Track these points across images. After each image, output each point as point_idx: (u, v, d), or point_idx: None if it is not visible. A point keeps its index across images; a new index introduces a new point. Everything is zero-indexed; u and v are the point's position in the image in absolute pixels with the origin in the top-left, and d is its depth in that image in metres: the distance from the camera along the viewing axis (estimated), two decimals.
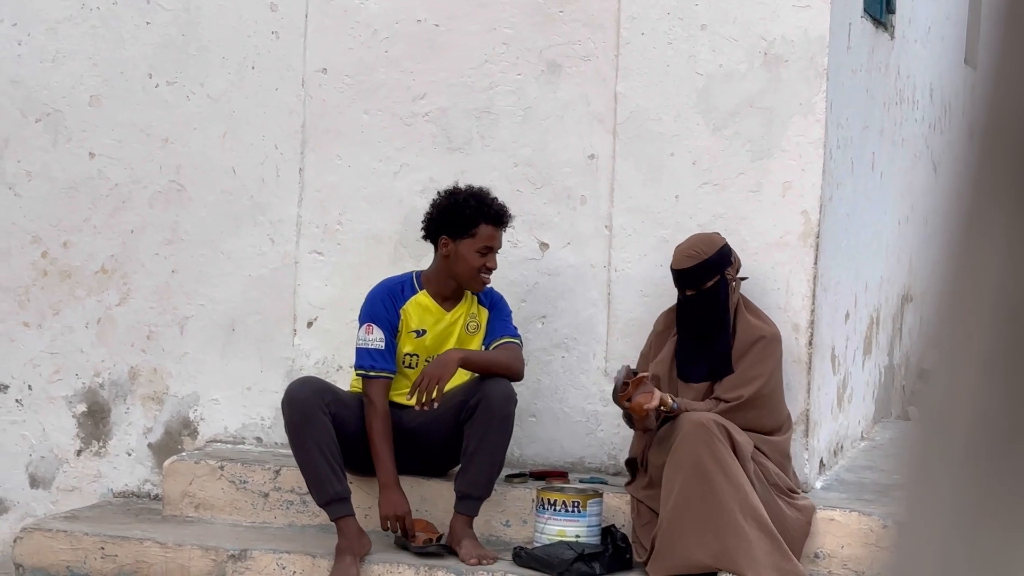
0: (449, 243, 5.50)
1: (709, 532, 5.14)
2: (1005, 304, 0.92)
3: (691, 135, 5.84)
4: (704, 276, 5.49)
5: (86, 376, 6.50)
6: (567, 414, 6.05)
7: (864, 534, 5.48)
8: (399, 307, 5.58)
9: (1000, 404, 0.91)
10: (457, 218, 5.47)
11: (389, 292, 5.59)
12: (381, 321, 5.53)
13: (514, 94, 6.04)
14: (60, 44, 6.46)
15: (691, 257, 5.48)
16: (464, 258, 5.49)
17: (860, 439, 6.95)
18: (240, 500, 5.97)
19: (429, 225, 5.56)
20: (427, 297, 5.60)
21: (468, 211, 5.47)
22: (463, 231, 5.47)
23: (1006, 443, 0.91)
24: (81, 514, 6.09)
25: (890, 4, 6.93)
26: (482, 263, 5.49)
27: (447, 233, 5.50)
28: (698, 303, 5.51)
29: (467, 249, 5.48)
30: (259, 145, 6.30)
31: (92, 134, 6.44)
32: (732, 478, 5.18)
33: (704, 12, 5.81)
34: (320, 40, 6.22)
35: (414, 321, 5.58)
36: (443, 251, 5.52)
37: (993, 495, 0.91)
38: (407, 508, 5.43)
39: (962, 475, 0.93)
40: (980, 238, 0.94)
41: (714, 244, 5.53)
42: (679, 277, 5.51)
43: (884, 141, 6.95)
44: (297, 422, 5.36)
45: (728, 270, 5.52)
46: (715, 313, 5.51)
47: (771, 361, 5.51)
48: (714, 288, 5.50)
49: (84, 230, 6.47)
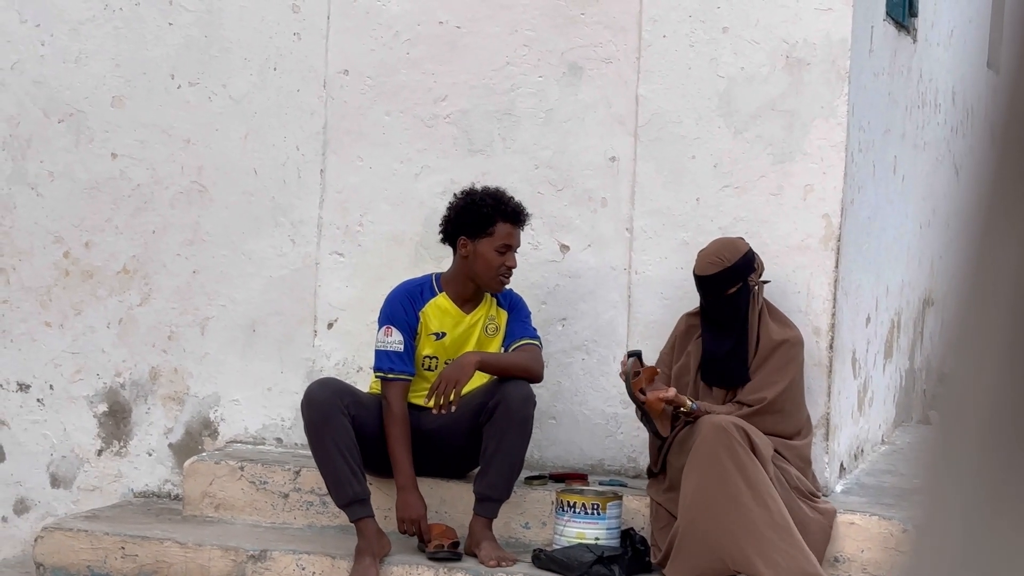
0: (468, 243, 5.50)
1: (726, 535, 5.13)
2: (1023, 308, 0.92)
3: (712, 138, 5.83)
4: (727, 283, 5.48)
5: (107, 376, 6.51)
6: (587, 416, 6.05)
7: (884, 538, 5.47)
8: (418, 309, 5.58)
9: (1017, 408, 0.91)
10: (475, 217, 5.48)
11: (408, 294, 5.59)
12: (400, 323, 5.53)
13: (535, 96, 6.04)
14: (83, 45, 6.48)
15: (714, 264, 5.47)
16: (483, 257, 5.49)
17: (880, 443, 6.93)
18: (260, 501, 5.98)
19: (447, 227, 5.57)
20: (446, 299, 5.60)
21: (485, 210, 5.47)
22: (481, 230, 5.48)
23: (1021, 447, 0.91)
24: (102, 514, 6.11)
25: (912, 7, 6.91)
26: (501, 262, 5.49)
27: (465, 233, 5.50)
28: (719, 309, 5.50)
29: (486, 248, 5.48)
30: (280, 146, 6.31)
31: (114, 135, 6.46)
32: (751, 480, 5.17)
33: (726, 15, 5.80)
34: (342, 41, 6.23)
35: (434, 323, 5.58)
36: (462, 252, 5.53)
37: (1007, 498, 0.91)
38: (423, 511, 5.43)
39: (977, 478, 0.93)
40: (999, 241, 0.93)
41: (738, 250, 5.51)
42: (701, 283, 5.50)
43: (906, 145, 6.94)
44: (317, 423, 5.37)
45: (751, 276, 5.51)
46: (736, 319, 5.50)
47: (794, 365, 5.50)
48: (736, 295, 5.49)
49: (106, 230, 6.48)
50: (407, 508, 5.42)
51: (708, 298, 5.52)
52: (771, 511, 5.17)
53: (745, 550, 5.11)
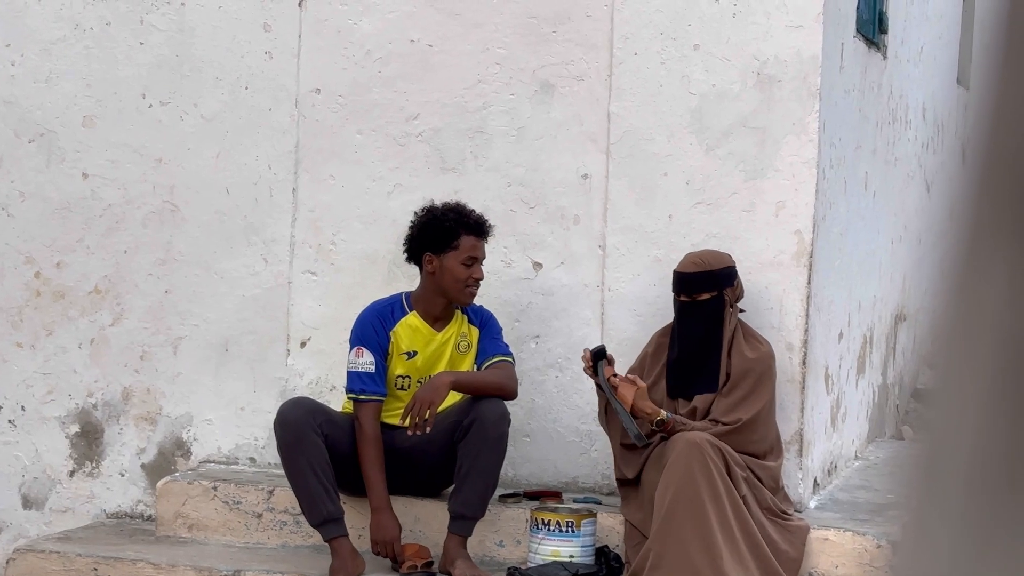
0: (433, 259, 5.52)
1: (694, 553, 5.12)
2: (1006, 341, 0.91)
3: (684, 155, 5.84)
4: (703, 286, 5.51)
5: (79, 397, 6.49)
6: (561, 434, 6.05)
7: (858, 554, 5.48)
8: (389, 329, 5.57)
9: (1001, 447, 0.90)
10: (438, 232, 5.50)
11: (379, 314, 5.59)
12: (371, 344, 5.53)
13: (507, 114, 6.05)
14: (54, 64, 6.47)
15: (696, 264, 5.53)
16: (450, 271, 5.50)
17: (854, 458, 6.94)
18: (233, 521, 5.96)
19: (411, 244, 5.59)
20: (417, 318, 5.60)
21: (448, 224, 5.49)
22: (446, 244, 5.50)
23: (1007, 490, 0.90)
24: (74, 535, 6.08)
25: (883, 24, 6.95)
26: (468, 274, 5.50)
27: (430, 249, 5.52)
28: (691, 312, 5.53)
29: (452, 262, 5.50)
30: (252, 165, 6.30)
31: (86, 154, 6.44)
32: (718, 501, 5.17)
33: (697, 32, 5.82)
34: (313, 60, 6.23)
35: (405, 343, 5.58)
36: (428, 268, 5.54)
37: (996, 543, 0.90)
38: (397, 533, 5.42)
39: (963, 522, 0.92)
40: (980, 272, 0.93)
41: (722, 260, 5.56)
42: (679, 279, 5.54)
43: (877, 161, 6.96)
44: (289, 443, 5.36)
45: (728, 291, 5.53)
46: (707, 328, 5.51)
47: (769, 384, 5.52)
48: (710, 302, 5.51)
49: (77, 250, 6.46)
50: (381, 530, 5.41)
51: (681, 297, 5.55)
52: (733, 533, 5.17)
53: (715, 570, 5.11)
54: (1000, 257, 0.92)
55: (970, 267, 0.94)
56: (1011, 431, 0.90)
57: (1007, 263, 0.91)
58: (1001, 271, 0.92)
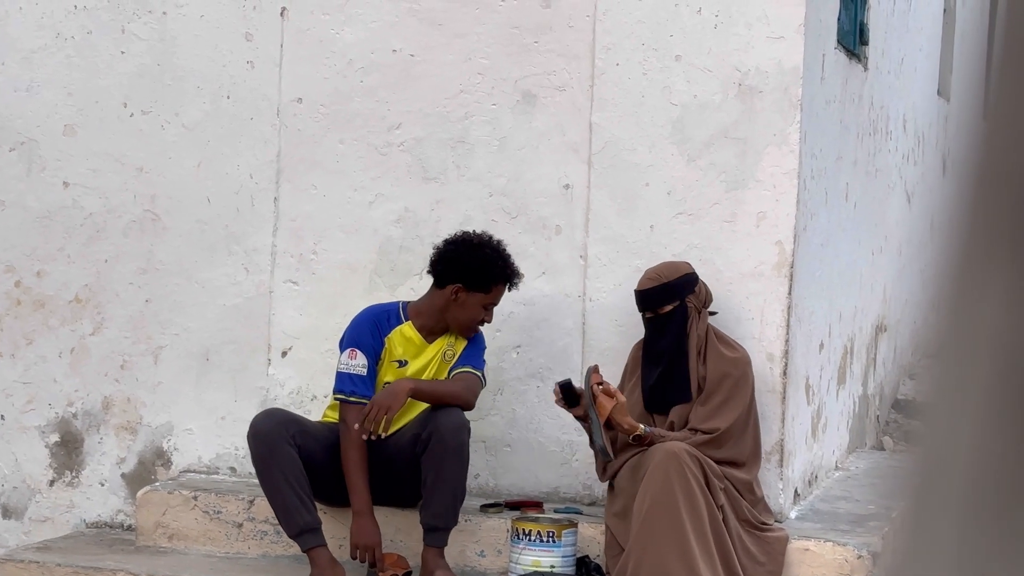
0: (460, 293, 5.49)
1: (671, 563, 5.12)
2: (1003, 354, 0.90)
3: (666, 165, 5.85)
4: (661, 299, 5.53)
5: (59, 406, 6.47)
6: (542, 444, 6.04)
7: (839, 564, 5.48)
8: (384, 335, 5.57)
9: (999, 460, 0.89)
10: (480, 274, 5.47)
11: (375, 319, 5.58)
12: (366, 347, 5.53)
13: (489, 124, 6.05)
14: (35, 73, 6.46)
15: (652, 280, 5.54)
16: (470, 309, 5.50)
17: (834, 469, 6.95)
18: (214, 530, 5.95)
19: (446, 268, 5.52)
20: (412, 329, 5.59)
21: (494, 271, 5.47)
22: (480, 287, 5.48)
23: (1006, 502, 0.89)
24: (54, 545, 6.06)
25: (863, 36, 6.96)
26: (483, 316, 5.52)
27: (463, 282, 5.49)
28: (657, 326, 5.55)
29: (476, 301, 5.49)
30: (234, 175, 6.29)
31: (67, 163, 6.43)
32: (695, 511, 5.17)
33: (679, 43, 5.83)
34: (295, 70, 6.23)
35: (397, 350, 5.58)
36: (451, 296, 5.49)
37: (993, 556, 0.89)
38: (378, 538, 5.41)
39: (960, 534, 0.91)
40: (976, 285, 0.92)
41: (678, 270, 5.57)
42: (639, 297, 5.58)
43: (858, 172, 6.98)
44: (263, 454, 5.34)
45: (690, 298, 5.54)
46: (672, 340, 5.52)
47: (746, 390, 5.53)
48: (672, 313, 5.53)
49: (58, 259, 6.45)
50: (362, 534, 5.39)
51: (643, 313, 5.57)
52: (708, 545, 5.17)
53: None
54: (996, 270, 0.92)
55: (966, 280, 0.93)
56: (1008, 443, 0.89)
57: (1003, 276, 0.91)
58: (997, 284, 0.91)
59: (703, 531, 5.17)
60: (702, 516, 5.18)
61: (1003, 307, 0.90)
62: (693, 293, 5.56)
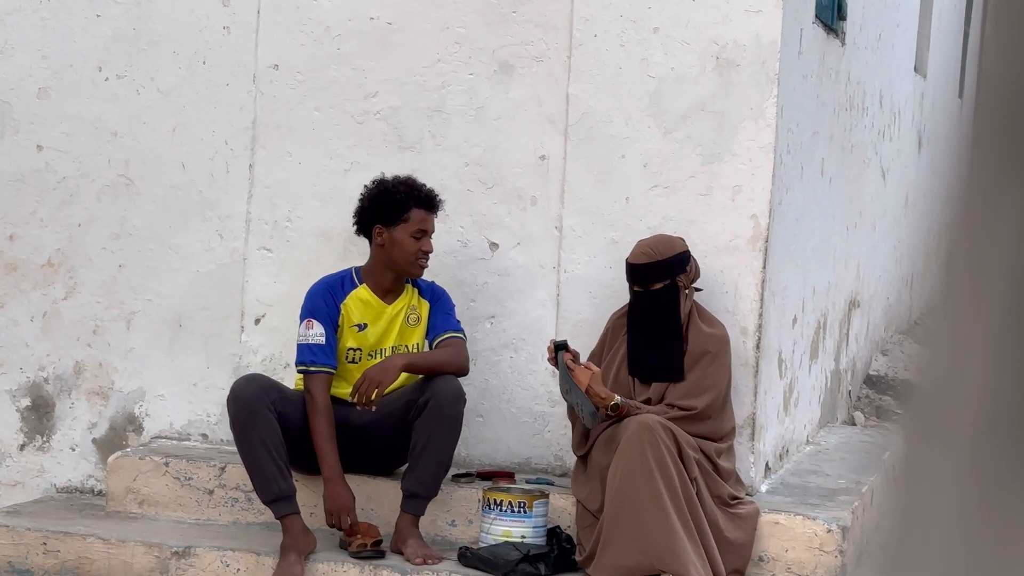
0: (383, 231, 5.53)
1: (646, 534, 5.14)
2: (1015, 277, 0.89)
3: (642, 138, 5.85)
4: (654, 276, 5.51)
5: (30, 370, 6.45)
6: (514, 415, 6.05)
7: (808, 538, 5.50)
8: (339, 302, 5.59)
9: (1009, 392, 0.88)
10: (388, 205, 5.52)
11: (329, 288, 5.60)
12: (321, 316, 5.54)
13: (466, 94, 6.03)
14: (9, 35, 6.41)
15: (646, 255, 5.52)
16: (400, 244, 5.52)
17: (805, 443, 6.98)
18: (185, 497, 5.94)
19: (361, 216, 5.61)
20: (367, 291, 5.61)
21: (399, 196, 5.52)
22: (396, 217, 5.52)
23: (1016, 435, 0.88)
24: (23, 509, 6.05)
25: (841, 11, 6.96)
26: (417, 247, 5.52)
27: (380, 222, 5.54)
28: (645, 302, 5.54)
29: (401, 235, 5.52)
30: (209, 140, 6.27)
31: (40, 127, 6.40)
32: (670, 482, 5.19)
33: (657, 15, 5.82)
34: (272, 36, 6.20)
35: (355, 315, 5.59)
36: (378, 240, 5.56)
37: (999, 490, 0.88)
38: (351, 502, 5.41)
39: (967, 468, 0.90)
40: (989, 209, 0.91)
41: (673, 248, 5.55)
42: (631, 271, 5.55)
43: (834, 147, 6.99)
44: (243, 419, 5.34)
45: (681, 277, 5.54)
46: (663, 316, 5.52)
47: (725, 368, 5.54)
48: (663, 291, 5.52)
49: (31, 223, 6.42)
50: (335, 499, 5.40)
51: (634, 288, 5.55)
52: (685, 514, 5.19)
53: (661, 548, 5.13)
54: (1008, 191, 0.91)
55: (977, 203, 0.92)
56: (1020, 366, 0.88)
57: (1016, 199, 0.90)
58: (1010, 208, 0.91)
59: (679, 502, 5.18)
60: (676, 487, 5.19)
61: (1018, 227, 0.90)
62: (685, 272, 5.55)
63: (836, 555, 5.47)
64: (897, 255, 9.72)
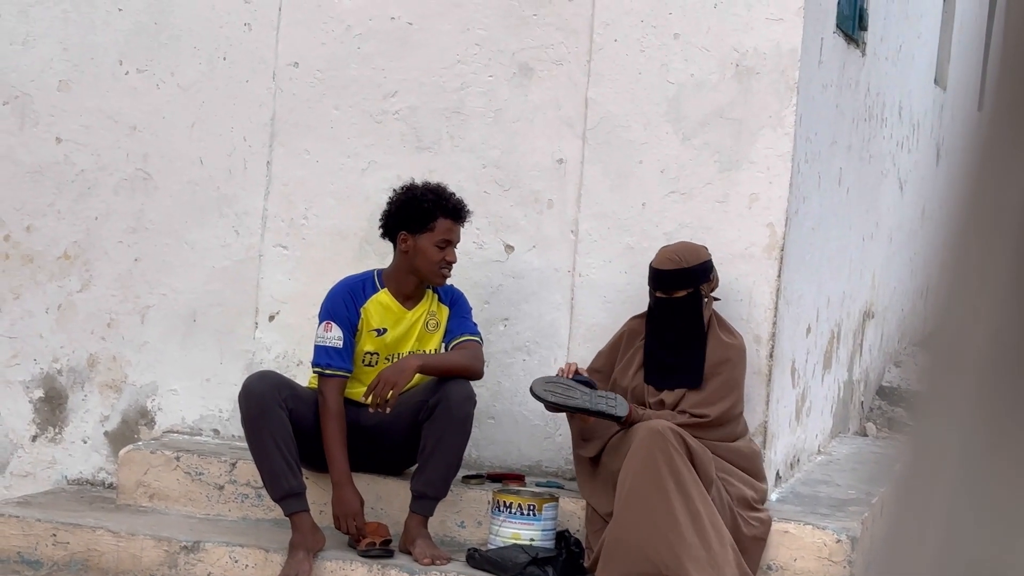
0: (408, 238, 5.52)
1: (657, 539, 5.14)
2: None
3: (660, 143, 5.85)
4: (678, 283, 5.50)
5: (44, 362, 6.46)
6: (526, 417, 6.05)
7: (817, 548, 5.49)
8: (360, 306, 5.57)
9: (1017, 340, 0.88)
10: (415, 213, 5.50)
11: (350, 290, 5.59)
12: (341, 319, 5.53)
13: (485, 95, 6.04)
14: (31, 27, 6.43)
15: (672, 261, 5.51)
16: (424, 252, 5.50)
17: (817, 453, 6.97)
18: (195, 492, 5.95)
19: (387, 221, 5.58)
20: (388, 296, 5.60)
21: (426, 205, 5.49)
22: (422, 226, 5.49)
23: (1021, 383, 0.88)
24: (34, 500, 6.06)
25: (862, 21, 6.96)
26: (441, 257, 5.51)
27: (406, 228, 5.52)
28: (667, 309, 5.53)
29: (426, 243, 5.50)
30: (227, 136, 6.28)
31: (59, 119, 6.41)
32: (683, 487, 5.18)
33: (678, 21, 5.82)
34: (293, 33, 6.21)
35: (375, 320, 5.58)
36: (402, 247, 5.54)
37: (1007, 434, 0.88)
38: (359, 507, 5.42)
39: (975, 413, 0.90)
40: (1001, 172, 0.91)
41: (698, 256, 5.54)
42: (655, 276, 5.54)
43: (852, 157, 6.98)
44: (254, 416, 5.35)
45: (704, 286, 5.53)
46: (684, 324, 5.51)
47: (740, 380, 5.53)
48: (686, 299, 5.51)
49: (48, 215, 6.44)
50: (342, 504, 5.41)
51: (657, 294, 5.54)
52: (700, 520, 5.18)
53: (675, 556, 5.12)
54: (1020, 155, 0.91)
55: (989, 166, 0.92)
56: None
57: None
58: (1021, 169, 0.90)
59: (693, 506, 5.17)
60: (689, 491, 5.18)
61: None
62: (708, 281, 5.54)
63: (845, 565, 5.46)
64: (913, 267, 9.70)
